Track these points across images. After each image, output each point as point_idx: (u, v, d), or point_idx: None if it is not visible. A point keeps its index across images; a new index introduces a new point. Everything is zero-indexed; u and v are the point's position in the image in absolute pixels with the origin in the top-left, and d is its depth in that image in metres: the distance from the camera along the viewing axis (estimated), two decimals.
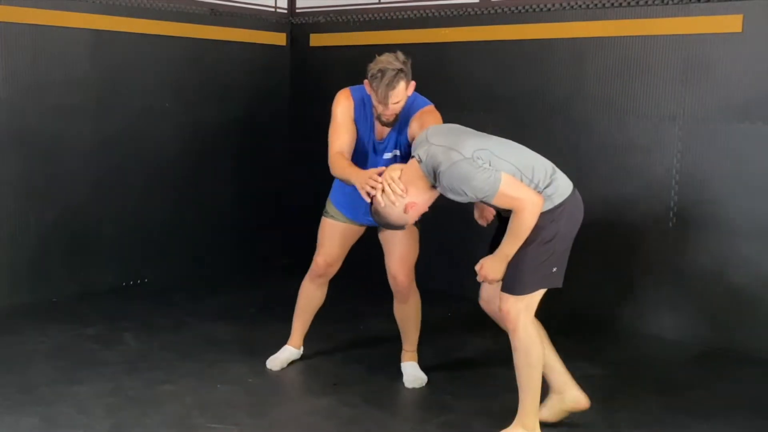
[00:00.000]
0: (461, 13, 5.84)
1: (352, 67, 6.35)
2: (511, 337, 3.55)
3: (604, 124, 5.29)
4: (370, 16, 6.38)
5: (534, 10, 5.52)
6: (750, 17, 4.73)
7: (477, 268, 3.55)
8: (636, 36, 5.13)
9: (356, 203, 3.98)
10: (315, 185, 6.83)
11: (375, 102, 3.83)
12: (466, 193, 3.36)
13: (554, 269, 3.51)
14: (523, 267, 3.46)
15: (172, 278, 6.14)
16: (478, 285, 3.71)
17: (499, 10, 5.68)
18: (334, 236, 4.26)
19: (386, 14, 6.28)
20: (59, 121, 5.50)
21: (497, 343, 3.62)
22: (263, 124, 6.78)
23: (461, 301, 5.52)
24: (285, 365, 4.46)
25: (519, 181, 3.37)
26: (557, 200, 3.44)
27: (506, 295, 3.52)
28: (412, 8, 6.13)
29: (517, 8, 5.57)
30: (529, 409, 3.58)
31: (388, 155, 4.01)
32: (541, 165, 3.48)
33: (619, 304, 5.32)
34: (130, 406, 3.90)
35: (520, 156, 3.48)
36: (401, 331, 4.42)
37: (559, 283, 3.59)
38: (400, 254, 4.20)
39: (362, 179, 3.65)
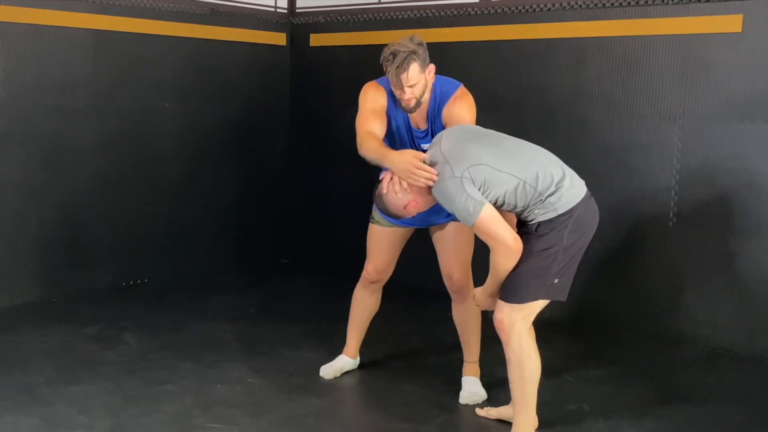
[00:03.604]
0: (461, 13, 5.84)
1: (352, 67, 6.42)
2: (504, 348, 3.49)
3: (604, 124, 5.29)
4: (369, 16, 6.38)
5: (534, 10, 5.52)
6: (750, 17, 4.73)
7: (471, 295, 3.68)
8: (636, 36, 5.12)
9: None
10: (315, 185, 6.87)
11: (392, 87, 3.71)
12: (451, 212, 3.37)
13: (556, 280, 3.39)
14: (519, 275, 3.38)
15: (172, 278, 6.14)
16: (478, 286, 3.69)
17: (499, 10, 5.68)
18: (382, 242, 4.15)
19: (386, 14, 6.28)
20: (59, 121, 5.51)
21: (497, 344, 3.61)
22: (263, 124, 6.78)
23: None
24: (339, 374, 4.34)
25: (499, 218, 3.29)
26: (561, 209, 3.34)
27: (502, 304, 3.45)
28: (411, 8, 6.13)
29: (517, 8, 5.57)
30: (523, 424, 3.54)
31: (427, 145, 3.78)
32: (547, 172, 3.36)
33: (618, 304, 5.32)
34: (130, 406, 3.90)
35: (525, 164, 3.36)
36: (461, 338, 4.24)
37: (562, 297, 3.48)
38: (453, 251, 4.03)
39: (404, 160, 3.42)
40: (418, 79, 3.64)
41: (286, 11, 6.85)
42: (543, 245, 3.34)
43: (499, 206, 3.35)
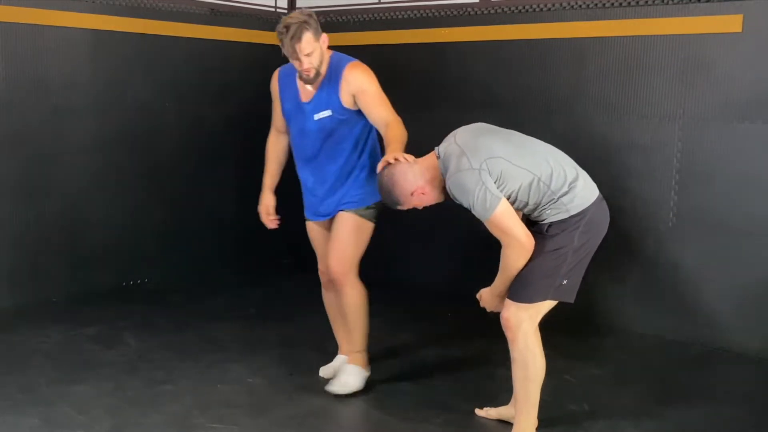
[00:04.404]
0: (461, 13, 5.85)
1: None
2: (510, 346, 3.47)
3: (604, 123, 5.29)
4: (369, 16, 6.40)
5: (534, 10, 5.53)
6: (750, 17, 4.74)
7: (477, 296, 3.56)
8: (636, 36, 5.13)
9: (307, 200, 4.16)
10: None
11: (291, 60, 3.81)
12: (465, 205, 3.31)
13: (564, 281, 3.38)
14: (528, 275, 3.36)
15: (172, 278, 6.14)
16: (479, 286, 3.68)
17: (499, 10, 5.69)
18: (319, 239, 4.25)
19: (386, 14, 6.30)
20: (59, 121, 5.51)
21: (498, 343, 3.61)
22: (263, 124, 6.72)
23: (462, 300, 5.52)
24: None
25: (513, 215, 3.28)
26: (573, 210, 3.33)
27: (509, 302, 3.43)
28: (411, 8, 6.14)
29: (517, 8, 5.58)
30: (524, 424, 3.53)
31: (319, 115, 3.94)
32: (561, 171, 3.36)
33: (618, 304, 5.33)
34: (130, 406, 3.90)
35: (539, 160, 3.36)
36: (339, 328, 4.31)
37: (570, 298, 3.46)
38: (338, 241, 4.06)
39: (261, 205, 4.21)
40: (312, 48, 3.75)
41: (286, 11, 6.85)
42: (553, 246, 3.33)
43: (511, 203, 3.33)
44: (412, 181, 3.42)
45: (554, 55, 5.46)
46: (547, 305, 3.44)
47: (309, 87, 3.93)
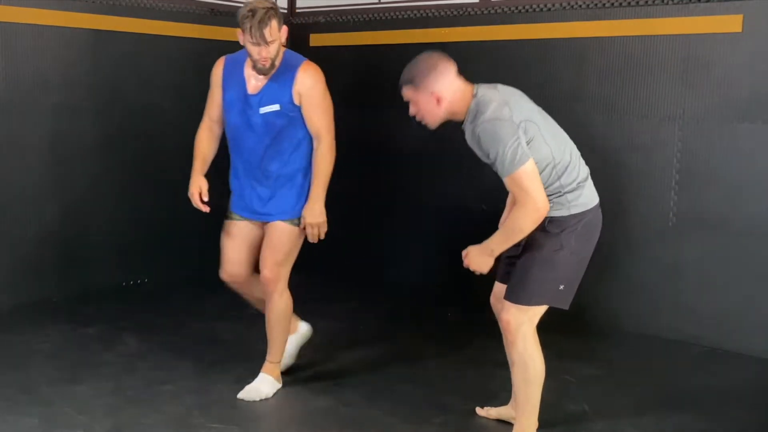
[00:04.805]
0: (461, 13, 5.86)
1: (352, 67, 6.42)
2: (509, 349, 3.47)
3: (605, 123, 5.31)
4: (369, 16, 6.41)
5: (534, 10, 5.54)
6: (750, 17, 4.76)
7: (463, 253, 3.40)
8: (636, 36, 5.15)
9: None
10: None
11: (250, 47, 3.76)
12: (488, 155, 3.21)
13: (561, 287, 3.37)
14: (529, 276, 3.34)
15: (172, 278, 6.15)
16: (477, 287, 3.68)
17: (499, 10, 5.70)
18: (236, 239, 4.15)
19: (386, 14, 6.31)
20: (59, 121, 5.54)
21: (497, 343, 3.62)
22: None
23: (461, 301, 5.54)
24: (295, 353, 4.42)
25: (538, 178, 3.21)
26: (574, 210, 3.33)
27: (509, 304, 3.41)
28: (411, 8, 6.16)
29: (517, 8, 5.60)
30: (525, 426, 3.52)
31: (265, 109, 3.88)
32: (576, 167, 3.37)
33: (618, 304, 5.35)
34: (130, 406, 3.92)
35: (564, 149, 3.36)
36: (267, 335, 4.21)
37: (565, 305, 3.43)
38: (271, 247, 4.02)
39: (193, 187, 4.02)
40: (276, 36, 3.75)
41: (286, 11, 6.86)
42: (552, 246, 3.31)
43: None
44: (444, 84, 3.34)
45: (554, 55, 5.47)
46: (544, 307, 3.43)
47: (255, 80, 3.89)
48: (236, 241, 4.12)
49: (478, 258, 3.36)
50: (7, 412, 3.77)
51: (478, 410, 3.91)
